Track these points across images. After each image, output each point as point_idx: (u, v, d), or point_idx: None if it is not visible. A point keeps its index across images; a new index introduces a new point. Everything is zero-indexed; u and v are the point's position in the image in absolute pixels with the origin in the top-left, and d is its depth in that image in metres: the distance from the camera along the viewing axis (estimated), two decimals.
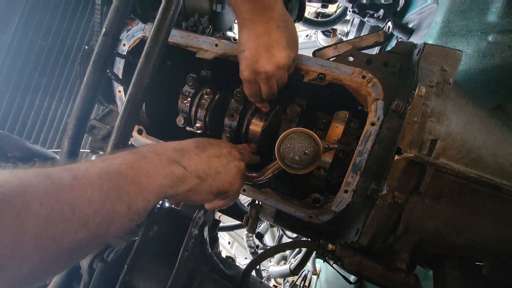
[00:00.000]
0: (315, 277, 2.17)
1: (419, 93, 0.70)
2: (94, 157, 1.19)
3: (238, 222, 1.80)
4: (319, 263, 2.19)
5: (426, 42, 0.79)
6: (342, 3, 2.44)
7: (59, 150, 0.93)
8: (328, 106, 1.00)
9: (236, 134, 0.99)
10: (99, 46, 0.90)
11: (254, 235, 2.42)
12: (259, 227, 2.82)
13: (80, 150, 0.93)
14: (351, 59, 0.88)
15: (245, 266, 1.00)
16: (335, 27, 2.83)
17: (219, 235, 1.24)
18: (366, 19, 1.93)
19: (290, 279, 2.42)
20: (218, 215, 1.65)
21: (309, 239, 1.03)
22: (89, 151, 1.20)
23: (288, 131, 0.80)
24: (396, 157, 0.69)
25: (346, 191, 0.86)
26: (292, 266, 1.91)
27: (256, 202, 0.99)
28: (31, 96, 1.49)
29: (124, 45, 1.05)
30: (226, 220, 1.87)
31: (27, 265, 0.38)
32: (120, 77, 1.06)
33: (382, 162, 0.76)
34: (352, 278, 1.12)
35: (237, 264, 1.26)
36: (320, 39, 3.13)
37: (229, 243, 4.24)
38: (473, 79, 1.05)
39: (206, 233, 0.90)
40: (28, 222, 0.37)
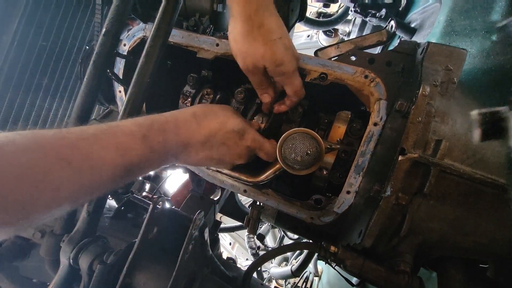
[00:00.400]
0: (316, 278, 2.15)
1: (423, 92, 0.69)
2: None
3: (239, 223, 1.80)
4: (321, 265, 2.17)
5: (429, 41, 0.78)
6: (343, 3, 2.43)
7: None
8: (330, 106, 0.99)
9: None
10: (100, 46, 0.89)
11: (255, 236, 2.42)
12: (260, 228, 2.81)
13: None
14: (353, 58, 0.87)
15: (246, 267, 0.99)
16: (336, 27, 2.83)
17: (220, 236, 1.23)
18: (368, 19, 1.92)
19: (292, 281, 2.40)
20: (219, 216, 1.64)
21: (310, 241, 1.02)
22: None
23: (289, 131, 0.79)
24: (400, 157, 0.68)
25: (348, 192, 0.85)
26: (294, 268, 1.90)
27: (257, 203, 0.98)
28: (32, 97, 1.49)
29: (125, 45, 1.05)
30: (227, 221, 1.86)
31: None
32: (121, 77, 1.05)
33: (385, 162, 0.75)
34: (354, 280, 1.11)
35: (238, 265, 1.25)
36: (322, 39, 3.13)
37: (230, 244, 4.24)
38: (477, 79, 1.04)
39: (206, 234, 0.89)
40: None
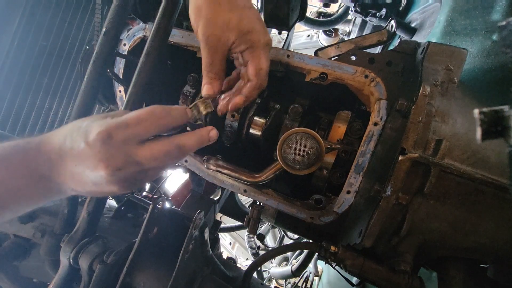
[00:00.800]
0: (317, 278, 2.15)
1: (424, 92, 0.69)
2: None
3: (239, 223, 1.80)
4: (321, 265, 2.17)
5: (430, 41, 0.78)
6: (344, 3, 2.43)
7: None
8: (330, 106, 0.99)
9: (237, 134, 0.98)
10: (99, 46, 0.89)
11: (256, 236, 2.41)
12: (261, 228, 2.81)
13: None
14: (353, 58, 0.87)
15: (246, 267, 0.99)
16: (337, 27, 2.82)
17: (220, 236, 1.23)
18: (368, 19, 1.92)
19: (292, 281, 2.40)
20: (219, 216, 1.64)
21: (311, 241, 1.02)
22: None
23: (290, 131, 0.79)
24: (400, 157, 0.68)
25: (348, 192, 0.85)
26: (294, 268, 1.90)
27: (257, 203, 0.98)
28: (32, 97, 1.49)
29: (125, 44, 1.05)
30: (227, 221, 1.86)
31: None
32: (121, 77, 1.05)
33: (386, 162, 0.75)
34: (354, 280, 1.11)
35: (238, 265, 1.25)
36: (322, 39, 3.13)
37: (230, 244, 4.23)
38: (477, 79, 1.04)
39: (206, 234, 0.89)
40: None
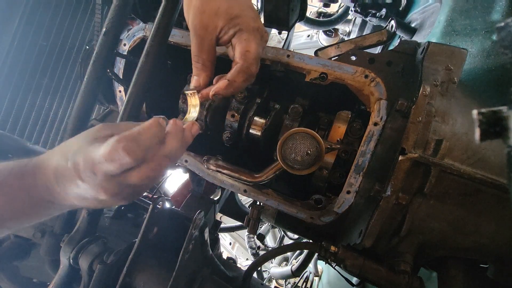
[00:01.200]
0: (317, 278, 2.15)
1: (424, 92, 0.69)
2: None
3: (239, 223, 1.80)
4: (321, 265, 2.17)
5: (430, 41, 0.78)
6: (344, 3, 2.43)
7: None
8: (330, 106, 0.99)
9: (237, 134, 0.98)
10: (99, 46, 0.89)
11: (256, 236, 2.42)
12: (260, 228, 2.81)
13: None
14: (353, 58, 0.87)
15: (246, 267, 0.99)
16: (337, 27, 2.82)
17: (220, 236, 1.23)
18: (368, 19, 1.92)
19: (292, 281, 2.40)
20: (219, 216, 1.64)
21: (311, 241, 1.02)
22: None
23: (290, 131, 0.79)
24: (400, 157, 0.68)
25: (348, 192, 0.85)
26: (294, 268, 1.90)
27: (258, 203, 0.98)
28: (32, 97, 1.49)
29: (125, 45, 1.04)
30: (227, 221, 1.86)
31: None
32: (121, 77, 1.05)
33: (386, 162, 0.75)
34: (354, 280, 1.11)
35: (238, 265, 1.25)
36: (322, 39, 3.13)
37: (230, 244, 4.23)
38: (477, 79, 1.03)
39: (206, 234, 0.89)
40: None
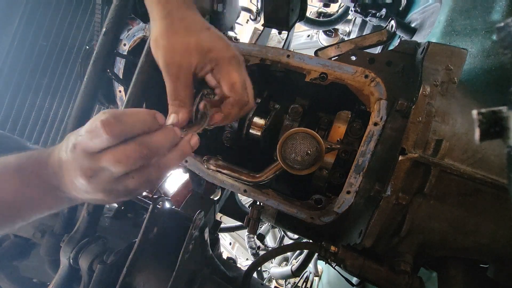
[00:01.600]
0: (317, 278, 2.15)
1: (424, 92, 0.69)
2: None
3: (239, 223, 1.80)
4: (321, 265, 2.17)
5: (430, 41, 0.78)
6: (344, 3, 2.43)
7: None
8: (330, 106, 0.98)
9: (237, 134, 0.98)
10: (99, 46, 0.89)
11: (256, 236, 2.41)
12: (260, 228, 2.81)
13: None
14: (353, 58, 0.87)
15: (246, 267, 0.99)
16: (337, 27, 2.82)
17: (220, 236, 1.23)
18: (368, 19, 1.92)
19: (292, 281, 2.40)
20: (219, 216, 1.64)
21: (310, 241, 1.02)
22: None
23: (290, 131, 0.79)
24: (400, 157, 0.68)
25: (348, 192, 0.85)
26: (294, 268, 1.90)
27: (257, 203, 0.98)
28: (32, 97, 1.49)
29: (125, 44, 1.04)
30: (227, 221, 1.86)
31: None
32: (121, 77, 1.05)
33: (386, 162, 0.75)
34: (354, 280, 1.11)
35: (238, 265, 1.25)
36: (322, 39, 3.12)
37: (230, 244, 4.23)
38: (477, 79, 1.04)
39: (206, 234, 0.89)
40: None
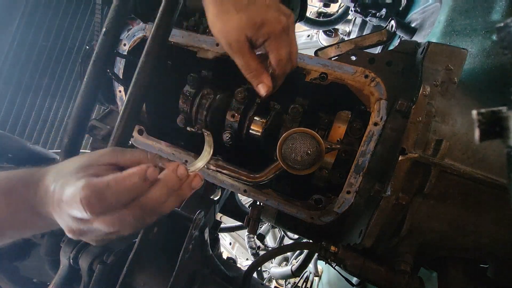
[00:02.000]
0: (317, 278, 2.15)
1: (424, 92, 0.69)
2: None
3: (239, 223, 1.80)
4: (321, 265, 2.17)
5: (430, 41, 0.78)
6: (344, 3, 2.43)
7: (60, 151, 0.92)
8: (330, 106, 0.99)
9: (238, 134, 0.98)
10: (99, 46, 0.89)
11: (256, 236, 2.41)
12: (260, 228, 2.81)
13: (81, 151, 0.93)
14: (353, 58, 0.87)
15: (246, 267, 0.99)
16: (337, 27, 2.82)
17: (220, 236, 1.23)
18: (368, 19, 1.92)
19: (292, 281, 2.40)
20: (219, 216, 1.64)
21: (311, 241, 1.02)
22: (89, 151, 1.19)
23: (290, 131, 0.79)
24: (400, 157, 0.68)
25: (348, 192, 0.85)
26: (294, 268, 1.90)
27: (257, 203, 0.98)
28: (32, 97, 1.50)
29: (125, 44, 1.04)
30: (227, 221, 1.86)
31: None
32: (121, 77, 1.05)
33: (386, 162, 0.75)
34: (354, 280, 1.11)
35: (238, 265, 1.25)
36: (322, 39, 3.12)
37: (230, 244, 4.23)
38: (477, 79, 1.03)
39: (206, 234, 0.89)
40: None
